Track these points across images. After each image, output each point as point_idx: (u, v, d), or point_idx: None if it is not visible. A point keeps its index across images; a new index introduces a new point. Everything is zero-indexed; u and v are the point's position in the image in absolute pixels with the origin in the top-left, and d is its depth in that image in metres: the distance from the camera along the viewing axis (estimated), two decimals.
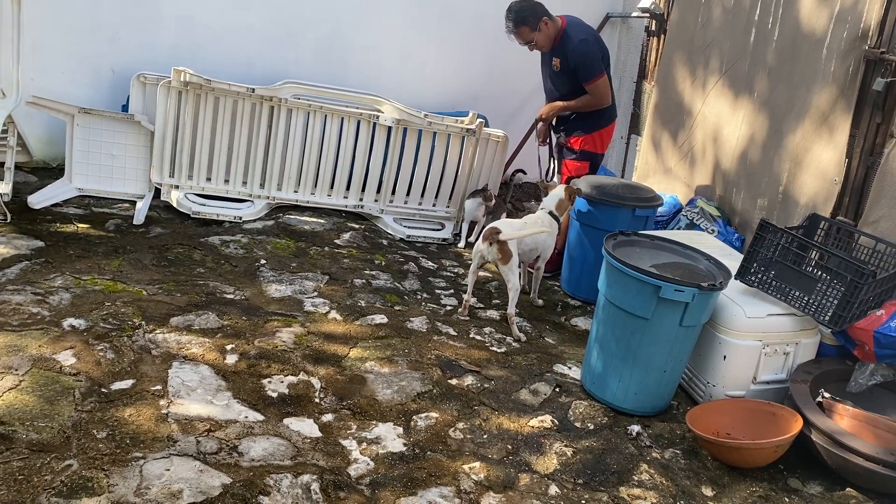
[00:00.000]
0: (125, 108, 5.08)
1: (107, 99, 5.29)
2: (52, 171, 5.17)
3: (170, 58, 5.18)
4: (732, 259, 3.60)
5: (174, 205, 4.91)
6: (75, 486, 2.35)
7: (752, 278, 3.46)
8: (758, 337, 3.31)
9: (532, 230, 4.11)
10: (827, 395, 3.14)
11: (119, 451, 2.55)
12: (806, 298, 3.29)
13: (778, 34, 4.47)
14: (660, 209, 4.76)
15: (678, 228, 4.92)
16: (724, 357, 3.32)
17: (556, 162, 5.03)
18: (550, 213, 4.26)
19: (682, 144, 5.40)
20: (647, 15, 5.93)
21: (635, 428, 3.23)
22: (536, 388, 3.46)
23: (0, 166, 4.33)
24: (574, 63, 4.46)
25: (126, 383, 2.94)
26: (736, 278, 3.44)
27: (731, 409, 3.26)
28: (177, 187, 5.01)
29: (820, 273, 3.34)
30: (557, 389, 3.48)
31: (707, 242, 4.00)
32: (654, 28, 5.99)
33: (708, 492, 2.90)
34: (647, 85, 6.09)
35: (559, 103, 4.67)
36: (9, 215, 4.24)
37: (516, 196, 6.32)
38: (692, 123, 5.29)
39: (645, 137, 5.92)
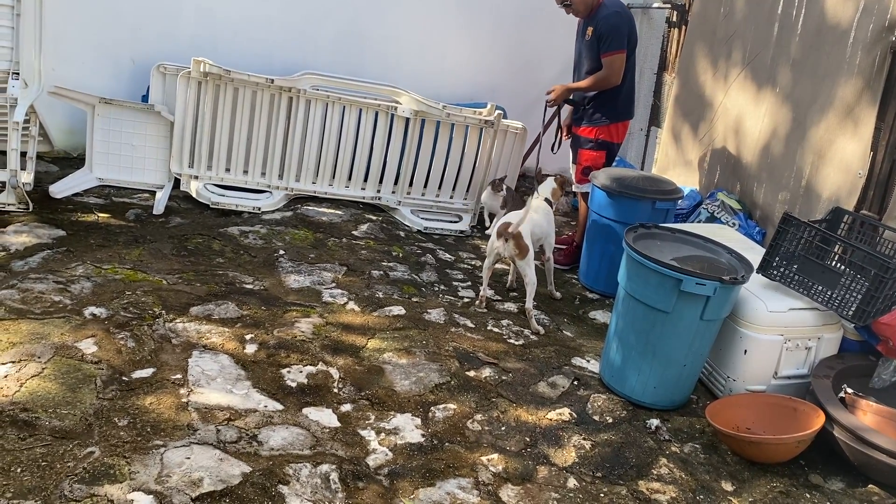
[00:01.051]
0: (145, 98, 5.10)
1: (127, 89, 5.32)
2: (73, 160, 5.21)
3: (190, 48, 5.20)
4: (754, 253, 3.57)
5: (193, 195, 4.93)
6: (97, 472, 2.37)
7: (775, 272, 3.42)
8: (779, 331, 3.28)
9: (530, 208, 4.13)
10: (850, 390, 3.10)
11: (140, 438, 2.57)
12: (829, 293, 3.25)
13: (802, 25, 4.41)
14: (680, 202, 4.72)
15: (698, 221, 4.87)
16: (745, 351, 3.30)
17: (561, 137, 4.96)
18: (546, 199, 4.36)
19: (703, 137, 5.35)
20: (669, 6, 5.87)
21: (654, 422, 3.21)
22: (554, 381, 3.45)
23: (22, 156, 4.35)
24: (600, 31, 4.45)
25: (146, 372, 2.97)
26: (758, 272, 3.40)
27: (751, 403, 3.24)
28: (196, 177, 5.03)
29: (843, 267, 3.30)
30: (576, 382, 3.47)
31: (728, 236, 3.96)
32: (675, 19, 5.93)
33: (728, 486, 2.88)
34: (668, 76, 6.03)
35: (570, 84, 4.67)
36: (31, 204, 4.28)
37: (533, 189, 6.29)
38: (713, 116, 5.23)
39: (665, 129, 5.87)
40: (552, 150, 5.02)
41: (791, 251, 3.38)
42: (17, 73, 4.18)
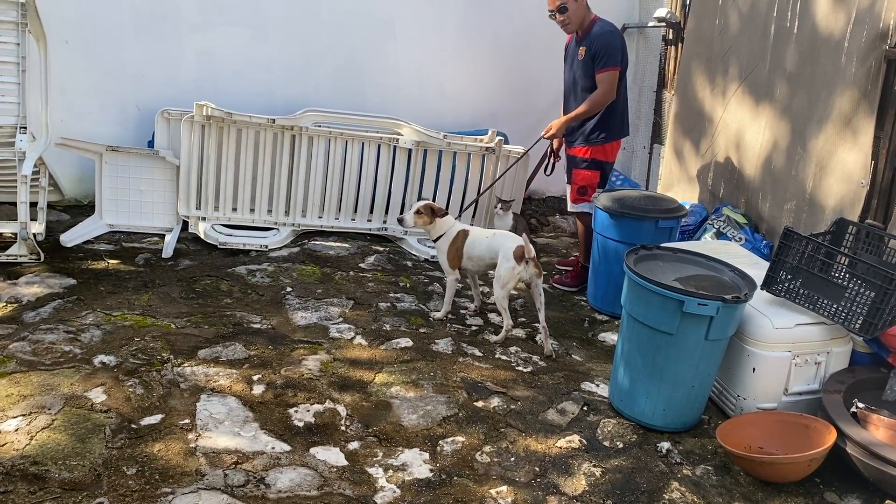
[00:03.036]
0: (151, 143, 5.20)
1: (134, 135, 5.42)
2: (83, 208, 5.30)
3: (193, 92, 5.31)
4: (759, 268, 3.54)
5: (202, 236, 5.00)
6: None
7: (779, 288, 3.40)
8: (787, 347, 3.25)
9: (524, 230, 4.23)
10: (861, 404, 3.06)
11: (148, 486, 2.59)
12: (834, 307, 3.22)
13: (796, 38, 4.41)
14: (685, 218, 4.71)
15: (704, 237, 4.86)
16: (754, 369, 3.27)
17: (553, 161, 4.98)
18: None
19: (706, 152, 5.35)
20: (664, 24, 5.90)
21: (665, 445, 3.18)
22: (564, 408, 3.44)
23: (33, 206, 4.45)
24: (595, 49, 4.45)
25: (155, 418, 2.99)
26: (762, 288, 3.38)
27: (762, 422, 3.20)
28: (204, 219, 5.10)
29: (848, 280, 3.27)
30: (585, 408, 3.45)
31: (733, 252, 3.95)
32: (671, 37, 5.96)
33: None
34: (668, 94, 6.05)
35: (567, 116, 4.65)
36: (42, 255, 4.36)
37: (540, 210, 6.32)
38: (714, 131, 5.23)
39: (667, 146, 5.87)
40: (545, 172, 5.04)
41: (794, 266, 3.36)
42: (25, 128, 4.28)
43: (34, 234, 4.37)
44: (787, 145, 4.49)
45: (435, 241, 4.24)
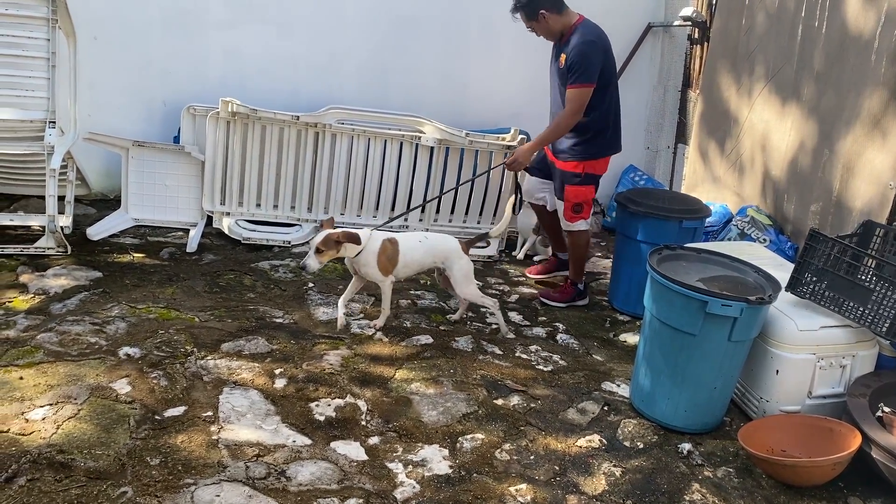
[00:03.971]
0: (177, 139, 5.25)
1: (159, 131, 5.48)
2: (109, 202, 5.37)
3: (218, 88, 5.35)
4: (784, 270, 3.51)
5: (226, 231, 5.04)
6: None
7: (804, 289, 3.36)
8: (811, 350, 3.21)
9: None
10: (887, 409, 3.02)
11: (171, 477, 2.62)
12: (861, 309, 3.18)
13: (825, 38, 4.36)
14: (709, 219, 4.67)
15: (729, 238, 4.82)
16: (777, 371, 3.24)
17: (519, 199, 4.74)
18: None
19: (730, 153, 5.30)
20: (689, 23, 5.86)
21: (686, 446, 3.17)
22: (584, 407, 3.43)
23: (61, 200, 4.53)
24: (571, 60, 4.06)
25: (178, 410, 3.03)
26: (787, 290, 3.35)
27: (785, 425, 3.17)
28: (228, 214, 5.14)
29: (875, 283, 3.23)
30: (606, 408, 3.44)
31: (758, 253, 3.91)
32: (696, 36, 5.91)
33: None
34: (693, 93, 6.00)
35: (532, 143, 4.39)
36: (69, 247, 4.42)
37: None
38: (739, 131, 5.18)
39: (692, 147, 5.83)
40: (514, 211, 4.71)
41: (820, 267, 3.32)
42: (54, 122, 4.34)
43: (62, 228, 4.44)
44: (813, 146, 4.43)
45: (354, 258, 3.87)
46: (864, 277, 3.28)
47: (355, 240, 3.77)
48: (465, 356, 3.77)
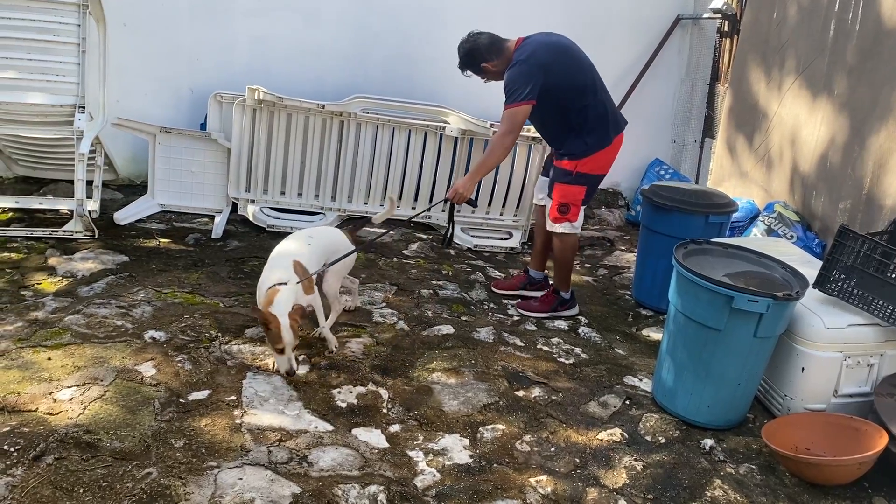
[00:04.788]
0: (203, 126, 5.28)
1: (186, 118, 5.52)
2: (136, 187, 5.42)
3: (245, 76, 5.38)
4: (811, 267, 3.46)
5: (250, 218, 5.08)
6: (154, 493, 2.45)
7: (832, 287, 3.31)
8: (838, 348, 3.17)
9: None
10: None
11: (195, 459, 2.65)
12: (890, 308, 3.13)
13: (858, 31, 4.29)
14: (736, 214, 4.62)
15: (755, 234, 4.77)
16: (803, 369, 3.20)
17: (452, 228, 4.44)
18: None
19: (759, 147, 5.24)
20: (719, 16, 5.79)
21: (708, 442, 3.14)
22: (606, 401, 3.41)
23: (89, 185, 4.58)
24: (504, 85, 4.01)
25: (202, 394, 3.06)
26: (814, 287, 3.30)
27: (810, 423, 3.14)
28: (253, 201, 5.18)
29: None
30: (627, 402, 3.42)
31: (785, 249, 3.86)
32: (726, 29, 5.84)
33: None
34: (721, 87, 5.93)
35: (470, 173, 4.20)
36: (97, 231, 4.47)
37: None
38: (768, 126, 5.12)
39: (719, 141, 5.77)
40: (442, 245, 4.60)
41: (849, 265, 3.27)
42: (83, 107, 4.39)
43: (89, 212, 4.50)
44: (844, 141, 4.37)
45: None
46: (893, 276, 3.23)
47: (287, 292, 3.30)
48: (487, 347, 3.77)
